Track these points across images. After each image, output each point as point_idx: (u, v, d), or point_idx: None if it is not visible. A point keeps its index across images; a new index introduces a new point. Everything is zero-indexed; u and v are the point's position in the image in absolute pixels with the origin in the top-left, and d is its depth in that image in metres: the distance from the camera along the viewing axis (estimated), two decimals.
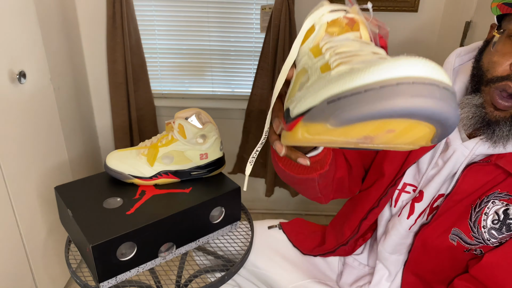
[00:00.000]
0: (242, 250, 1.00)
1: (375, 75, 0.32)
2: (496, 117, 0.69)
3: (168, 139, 0.95)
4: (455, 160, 0.77)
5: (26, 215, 1.34)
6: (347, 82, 0.33)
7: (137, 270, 0.85)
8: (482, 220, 0.74)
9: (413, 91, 0.30)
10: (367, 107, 0.31)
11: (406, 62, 0.31)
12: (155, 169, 0.94)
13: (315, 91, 0.38)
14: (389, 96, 0.31)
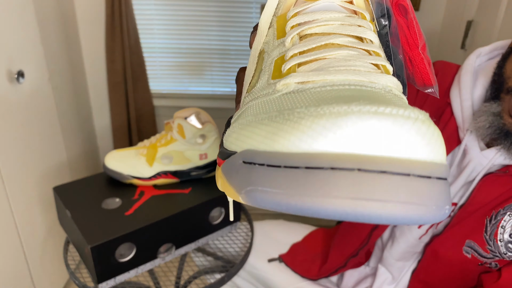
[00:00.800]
0: (242, 251, 0.99)
1: (305, 139, 0.19)
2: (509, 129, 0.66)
3: (167, 139, 0.94)
4: (471, 169, 0.74)
5: (24, 215, 1.33)
6: (271, 134, 0.21)
7: (136, 271, 0.85)
8: (499, 233, 0.71)
9: (357, 187, 0.18)
10: (281, 199, 0.20)
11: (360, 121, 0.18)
12: (154, 170, 0.93)
13: (244, 125, 0.25)
14: (316, 190, 0.18)
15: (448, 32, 1.70)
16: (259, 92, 0.27)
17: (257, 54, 0.31)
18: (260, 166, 0.21)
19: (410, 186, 0.18)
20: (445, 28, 1.73)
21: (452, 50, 1.64)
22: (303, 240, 1.08)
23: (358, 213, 0.18)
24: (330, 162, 0.18)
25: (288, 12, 0.30)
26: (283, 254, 1.04)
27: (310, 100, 0.22)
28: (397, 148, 0.18)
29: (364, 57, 0.25)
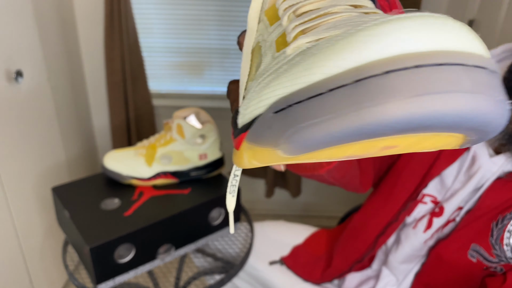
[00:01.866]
0: (242, 252, 0.99)
1: (347, 56, 0.18)
2: None
3: (166, 139, 0.93)
4: (480, 176, 0.73)
5: (23, 216, 1.32)
6: (302, 72, 0.20)
7: (135, 272, 0.84)
8: (505, 237, 0.70)
9: (418, 84, 0.16)
10: (334, 124, 0.17)
11: (403, 24, 0.18)
12: (154, 170, 0.93)
13: (262, 88, 0.24)
14: (373, 99, 0.17)
15: None
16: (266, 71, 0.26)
17: (250, 51, 0.30)
18: (298, 105, 0.19)
19: (471, 75, 0.17)
20: None
21: None
22: (304, 243, 1.07)
23: (424, 113, 0.16)
24: (382, 66, 0.17)
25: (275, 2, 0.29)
26: (284, 256, 1.04)
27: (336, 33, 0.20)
28: (451, 42, 0.17)
29: (366, 15, 0.24)
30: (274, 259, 1.03)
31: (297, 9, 0.27)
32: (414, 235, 0.82)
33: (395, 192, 0.84)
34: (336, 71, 0.18)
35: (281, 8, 0.28)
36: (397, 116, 0.16)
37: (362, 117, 0.17)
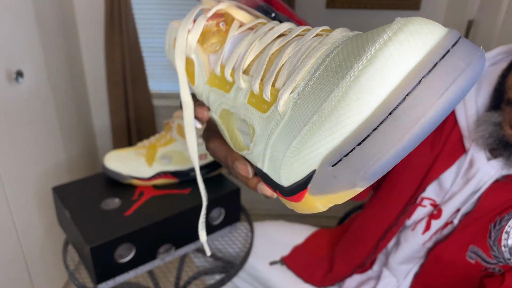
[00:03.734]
0: (241, 251, 0.99)
1: (367, 99, 0.21)
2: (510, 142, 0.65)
3: (166, 139, 0.93)
4: (478, 179, 0.73)
5: (23, 216, 1.33)
6: (335, 127, 0.22)
7: (135, 272, 0.84)
8: (503, 239, 0.71)
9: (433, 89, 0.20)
10: (397, 150, 0.21)
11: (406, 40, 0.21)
12: (154, 170, 0.93)
13: (296, 151, 0.25)
14: (410, 120, 0.20)
15: None
16: (265, 133, 0.28)
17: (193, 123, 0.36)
18: (353, 152, 0.22)
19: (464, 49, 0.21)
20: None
21: None
22: (305, 242, 1.07)
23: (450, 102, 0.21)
24: (400, 93, 0.20)
25: (214, 69, 0.32)
26: (284, 256, 1.04)
27: (324, 83, 0.23)
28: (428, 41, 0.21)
29: (304, 38, 0.27)
30: (274, 259, 1.03)
31: (242, 67, 0.29)
32: (413, 237, 0.82)
33: (394, 196, 0.84)
34: (366, 114, 0.21)
35: (226, 73, 0.31)
36: (447, 103, 0.21)
37: (414, 132, 0.21)
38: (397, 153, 0.21)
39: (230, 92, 0.31)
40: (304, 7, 1.71)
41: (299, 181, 0.26)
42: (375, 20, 1.73)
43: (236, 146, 0.34)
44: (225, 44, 0.32)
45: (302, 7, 1.71)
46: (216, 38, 0.33)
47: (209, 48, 0.33)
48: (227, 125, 0.33)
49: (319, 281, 0.99)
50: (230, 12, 0.33)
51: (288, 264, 1.02)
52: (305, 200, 0.28)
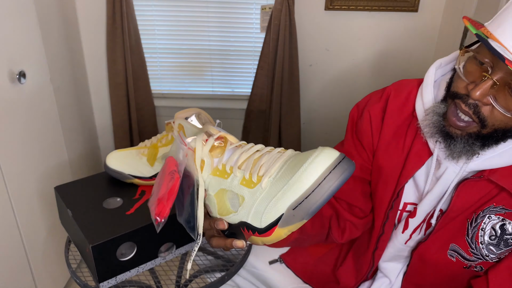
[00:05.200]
0: (242, 250, 1.00)
1: (308, 179, 0.50)
2: (451, 132, 0.68)
3: (168, 139, 0.95)
4: (446, 178, 0.75)
5: (26, 215, 1.34)
6: (296, 191, 0.50)
7: (137, 270, 0.85)
8: (479, 236, 0.72)
9: (335, 174, 0.50)
10: (321, 198, 0.50)
11: (320, 160, 0.50)
12: (155, 169, 0.94)
13: (270, 205, 0.53)
14: (327, 188, 0.49)
15: (447, 32, 1.71)
16: (252, 199, 0.55)
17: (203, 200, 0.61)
18: (302, 203, 0.50)
19: (345, 163, 0.52)
20: (444, 29, 1.73)
21: (451, 51, 1.64)
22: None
23: (344, 177, 0.50)
24: (324, 174, 0.50)
25: (216, 166, 0.59)
26: (283, 253, 1.05)
27: (285, 177, 0.53)
28: (323, 163, 0.50)
29: (273, 152, 0.58)
30: (274, 258, 1.04)
31: (238, 165, 0.57)
32: (395, 235, 0.85)
33: (376, 207, 0.86)
34: (306, 187, 0.50)
35: (227, 168, 0.58)
36: (337, 184, 0.50)
37: (328, 191, 0.50)
38: (321, 203, 0.50)
39: (228, 178, 0.58)
40: (303, 10, 1.72)
41: (273, 221, 0.53)
42: (373, 21, 1.74)
43: (223, 212, 0.59)
44: (224, 153, 0.60)
45: (301, 10, 1.72)
46: (219, 150, 0.60)
47: (214, 155, 0.60)
48: (220, 199, 0.59)
49: (319, 284, 1.00)
50: (226, 136, 0.62)
51: (287, 262, 1.03)
52: (275, 233, 0.53)
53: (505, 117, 0.62)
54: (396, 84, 0.84)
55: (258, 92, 1.83)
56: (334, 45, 1.81)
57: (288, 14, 1.64)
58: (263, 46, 1.74)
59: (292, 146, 1.89)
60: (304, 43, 1.80)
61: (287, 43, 1.69)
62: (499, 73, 0.61)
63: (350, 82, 1.89)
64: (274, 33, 1.68)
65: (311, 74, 1.88)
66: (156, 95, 1.97)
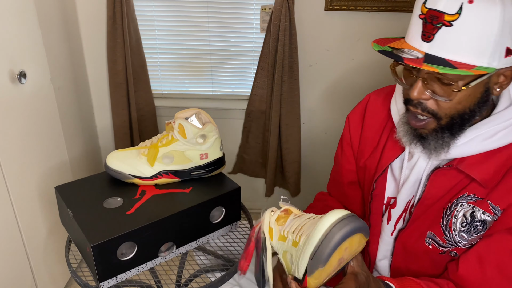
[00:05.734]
0: (242, 250, 1.00)
1: (318, 233, 0.63)
2: (423, 133, 0.75)
3: (168, 139, 0.95)
4: (419, 165, 0.80)
5: (27, 215, 1.34)
6: (311, 243, 0.63)
7: (137, 270, 0.86)
8: (453, 223, 0.76)
9: (338, 227, 0.62)
10: (328, 247, 0.61)
11: (327, 218, 0.63)
12: (155, 169, 0.94)
13: (301, 258, 0.65)
14: (332, 238, 0.61)
15: None
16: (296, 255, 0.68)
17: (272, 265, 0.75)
18: (317, 250, 0.63)
19: (346, 219, 0.65)
20: None
21: None
22: None
23: (344, 232, 0.63)
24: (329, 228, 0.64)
25: (280, 232, 0.72)
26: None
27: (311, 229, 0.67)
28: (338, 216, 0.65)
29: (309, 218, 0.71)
30: None
31: (290, 229, 0.70)
32: (383, 230, 0.88)
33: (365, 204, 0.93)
34: (318, 237, 0.63)
35: (285, 233, 0.71)
36: (339, 237, 0.62)
37: (333, 242, 0.62)
38: (330, 250, 0.61)
39: (285, 241, 0.70)
40: (303, 10, 1.72)
41: (304, 272, 0.65)
42: (373, 21, 1.74)
43: (288, 270, 0.71)
44: (287, 222, 0.72)
45: (301, 10, 1.72)
46: (283, 219, 0.73)
47: (279, 223, 0.73)
48: (285, 259, 0.72)
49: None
50: (290, 208, 0.75)
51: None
52: (308, 281, 0.65)
53: (449, 103, 0.69)
54: (377, 89, 0.94)
55: (258, 92, 1.83)
56: (334, 45, 1.81)
57: (288, 15, 1.64)
58: (263, 46, 1.74)
59: (292, 146, 1.90)
60: (304, 43, 1.80)
61: (287, 43, 1.69)
62: (424, 70, 0.68)
63: (350, 82, 1.89)
64: (274, 33, 1.68)
65: (311, 74, 1.88)
66: (157, 95, 1.97)
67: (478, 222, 0.73)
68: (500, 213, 0.71)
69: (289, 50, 1.72)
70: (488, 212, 0.72)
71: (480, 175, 0.72)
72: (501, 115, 0.72)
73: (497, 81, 0.70)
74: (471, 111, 0.70)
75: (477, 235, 0.74)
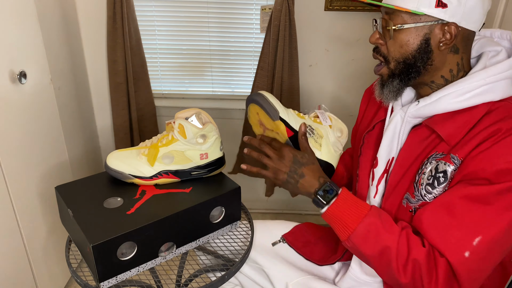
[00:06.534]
0: (242, 250, 1.00)
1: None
2: (382, 81, 0.86)
3: (168, 139, 0.95)
4: (394, 122, 0.85)
5: (27, 215, 1.34)
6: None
7: (137, 270, 0.86)
8: (421, 179, 0.79)
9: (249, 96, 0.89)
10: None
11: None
12: (156, 169, 0.94)
13: None
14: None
15: None
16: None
17: None
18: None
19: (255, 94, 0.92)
20: None
21: None
22: (306, 223, 1.12)
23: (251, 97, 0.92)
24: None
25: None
26: (285, 233, 1.07)
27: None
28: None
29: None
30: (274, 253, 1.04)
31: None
32: (367, 197, 0.91)
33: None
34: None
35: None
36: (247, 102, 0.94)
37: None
38: (247, 109, 0.97)
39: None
40: (303, 10, 1.73)
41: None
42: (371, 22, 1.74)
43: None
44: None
45: (302, 10, 1.72)
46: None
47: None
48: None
49: (320, 259, 1.03)
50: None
51: (289, 241, 1.06)
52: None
53: (394, 46, 0.80)
54: None
55: None
56: (334, 45, 1.81)
57: (288, 15, 1.64)
58: (263, 46, 1.74)
59: None
60: (304, 43, 1.80)
61: (287, 43, 1.69)
62: (383, 18, 0.81)
63: (350, 82, 1.89)
64: (274, 34, 1.68)
65: (311, 74, 1.88)
66: (157, 95, 1.97)
67: (440, 173, 0.76)
68: (460, 163, 0.74)
69: (289, 50, 1.72)
70: (449, 162, 0.75)
71: (443, 130, 0.77)
72: (471, 77, 0.76)
73: (441, 37, 0.76)
74: (413, 57, 0.79)
75: (440, 186, 0.76)
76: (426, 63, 0.79)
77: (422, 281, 0.71)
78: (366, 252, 0.76)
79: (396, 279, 0.74)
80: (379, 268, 0.77)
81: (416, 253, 0.72)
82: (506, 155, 0.69)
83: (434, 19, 0.75)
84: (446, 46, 0.76)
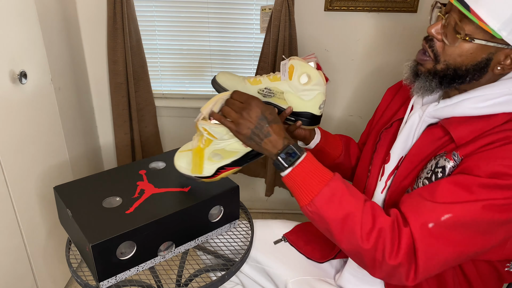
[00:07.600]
0: (242, 249, 1.01)
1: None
2: (418, 70, 0.81)
3: (204, 139, 0.89)
4: (412, 120, 0.84)
5: (27, 215, 1.34)
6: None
7: (137, 269, 0.86)
8: (422, 173, 0.80)
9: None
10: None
11: None
12: (213, 168, 0.90)
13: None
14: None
15: None
16: None
17: None
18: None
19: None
20: None
21: None
22: (307, 222, 1.11)
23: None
24: None
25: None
26: (287, 233, 1.07)
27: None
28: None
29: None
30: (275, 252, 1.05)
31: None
32: (375, 190, 0.90)
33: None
34: None
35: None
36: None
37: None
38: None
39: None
40: (303, 10, 1.73)
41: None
42: (372, 22, 1.74)
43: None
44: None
45: (301, 10, 1.72)
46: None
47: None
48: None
49: (321, 256, 1.03)
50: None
51: (291, 241, 1.06)
52: None
53: (452, 51, 0.74)
54: None
55: None
56: (334, 45, 1.81)
57: (288, 15, 1.64)
58: (263, 47, 1.74)
59: None
60: (304, 44, 1.80)
61: (287, 43, 1.70)
62: (452, 15, 0.73)
63: (350, 83, 1.89)
64: (274, 34, 1.68)
65: None
66: (157, 95, 1.97)
67: (439, 168, 0.76)
68: (459, 161, 0.74)
69: (289, 50, 1.72)
70: (449, 158, 0.75)
71: (456, 132, 0.76)
72: (496, 84, 0.75)
73: (501, 61, 0.72)
74: (465, 70, 0.75)
75: (436, 180, 0.76)
76: (474, 78, 0.76)
77: (384, 249, 0.70)
78: (330, 216, 0.73)
79: (358, 245, 0.72)
80: (340, 234, 0.74)
81: (382, 222, 0.71)
82: (505, 158, 0.68)
83: (506, 44, 0.70)
84: (503, 70, 0.74)
